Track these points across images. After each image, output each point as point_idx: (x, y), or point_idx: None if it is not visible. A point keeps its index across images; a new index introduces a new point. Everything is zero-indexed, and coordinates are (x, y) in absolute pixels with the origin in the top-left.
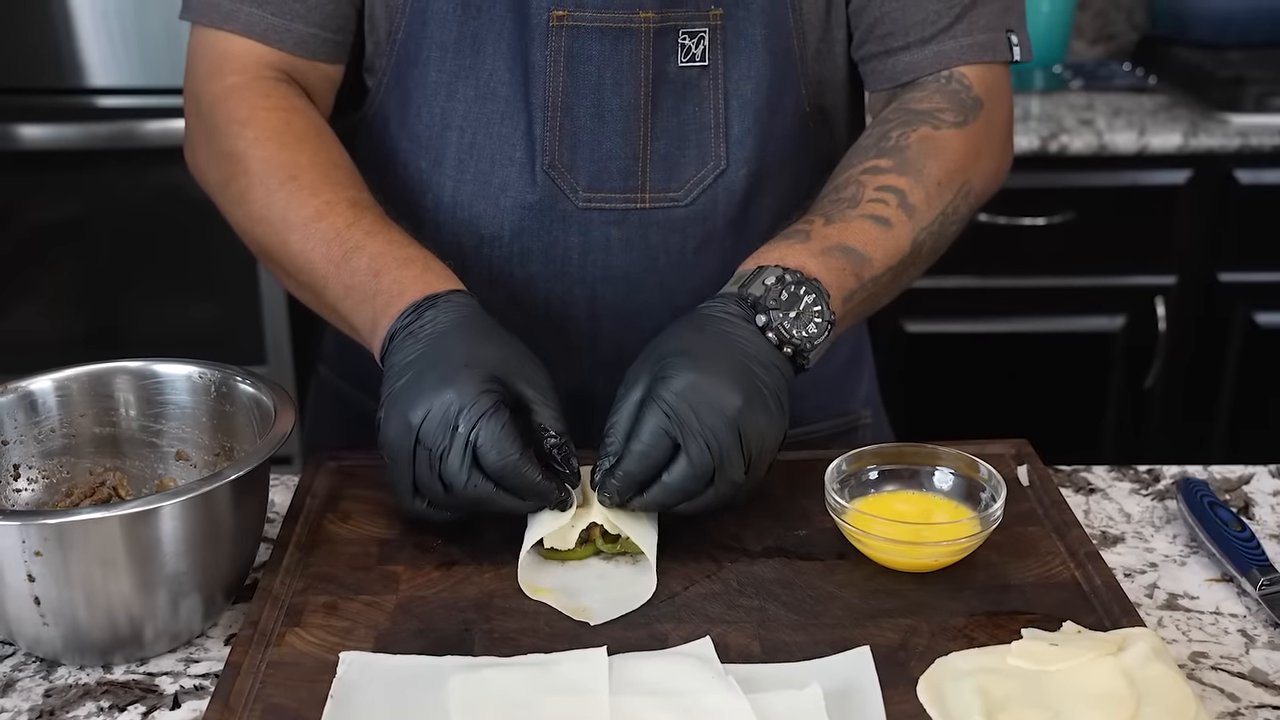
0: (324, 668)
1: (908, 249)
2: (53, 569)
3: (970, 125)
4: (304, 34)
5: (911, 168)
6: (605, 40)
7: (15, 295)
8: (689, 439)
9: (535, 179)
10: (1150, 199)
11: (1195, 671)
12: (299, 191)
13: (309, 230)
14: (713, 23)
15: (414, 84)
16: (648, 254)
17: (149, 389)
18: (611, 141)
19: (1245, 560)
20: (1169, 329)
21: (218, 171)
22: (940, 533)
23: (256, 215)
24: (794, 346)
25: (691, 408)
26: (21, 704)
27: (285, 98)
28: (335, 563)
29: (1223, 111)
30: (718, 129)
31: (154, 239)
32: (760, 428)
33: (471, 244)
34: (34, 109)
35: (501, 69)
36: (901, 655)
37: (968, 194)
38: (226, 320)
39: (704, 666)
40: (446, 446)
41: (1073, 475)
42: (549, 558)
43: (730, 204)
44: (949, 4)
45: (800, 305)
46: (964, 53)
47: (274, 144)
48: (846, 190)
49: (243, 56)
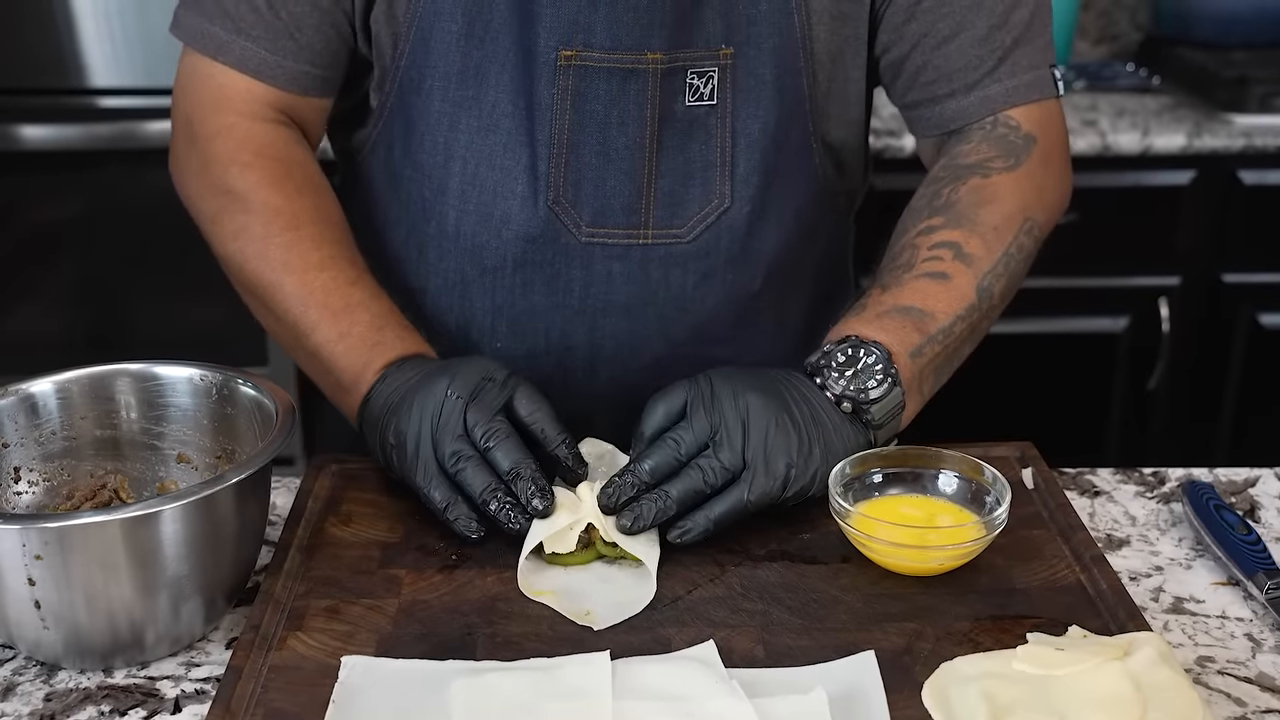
0: (326, 672)
1: (973, 296)
2: (53, 573)
3: (1023, 165)
4: (296, 71)
5: (965, 220)
6: (613, 80)
7: (16, 296)
8: (697, 402)
9: (538, 212)
10: (1154, 200)
11: (1201, 676)
12: (301, 241)
13: (309, 278)
14: (722, 62)
15: (417, 112)
16: (648, 288)
17: (150, 391)
18: (616, 179)
19: (1252, 564)
20: (1173, 330)
21: (211, 203)
22: (945, 536)
23: (252, 253)
24: (853, 402)
25: (712, 384)
26: (22, 708)
27: (286, 146)
28: (337, 566)
29: (1227, 112)
30: (723, 167)
31: (156, 240)
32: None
33: (474, 273)
34: (35, 109)
35: (504, 101)
36: (906, 660)
37: (1031, 229)
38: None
39: (707, 671)
40: (479, 392)
41: (1077, 478)
42: (551, 562)
43: (733, 240)
44: (991, 49)
45: (858, 364)
46: (1010, 95)
47: (278, 193)
48: (902, 257)
49: (242, 95)
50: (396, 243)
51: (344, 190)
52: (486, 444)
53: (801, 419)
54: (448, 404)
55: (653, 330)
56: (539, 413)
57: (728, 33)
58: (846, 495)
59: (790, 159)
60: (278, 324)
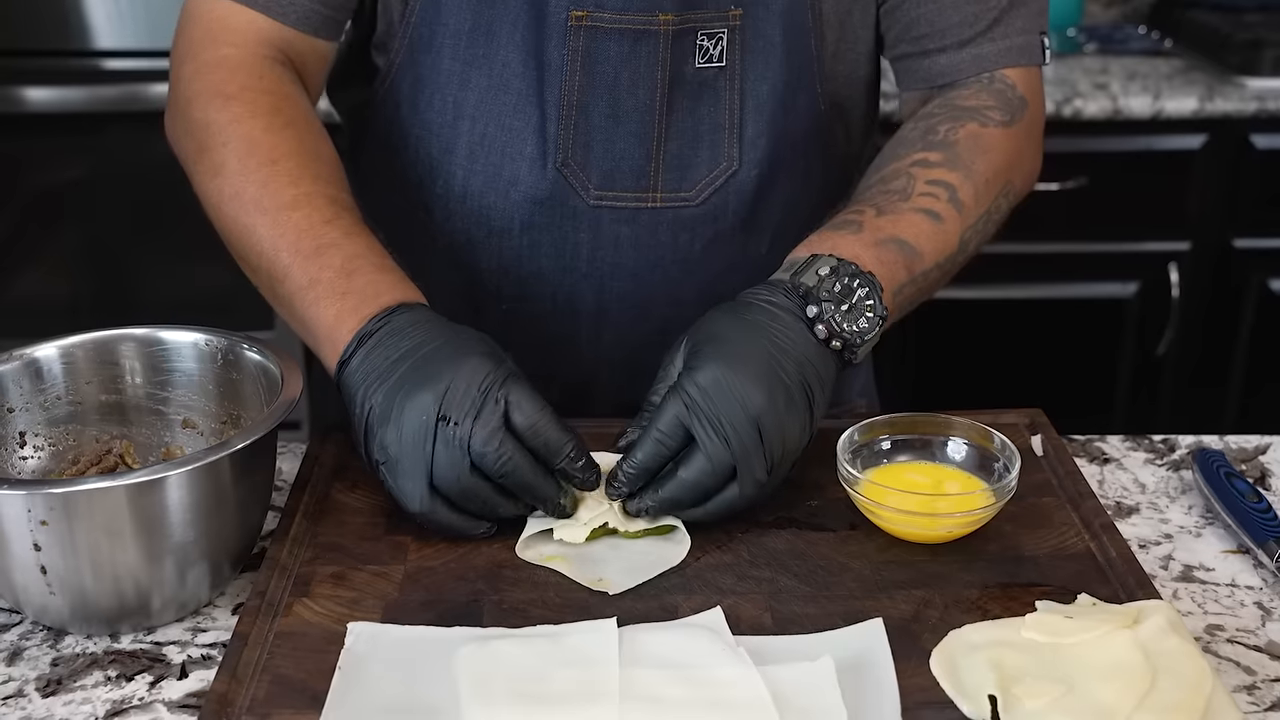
0: (332, 638)
1: (955, 245)
2: (59, 538)
3: (1016, 125)
4: (307, 8)
5: (961, 163)
6: (624, 41)
7: (21, 259)
8: (705, 431)
9: (546, 175)
10: (1165, 164)
11: (1211, 644)
12: (277, 177)
13: (281, 218)
14: (732, 23)
15: (427, 70)
16: (656, 251)
17: (155, 356)
18: (625, 142)
19: (1262, 532)
20: (1183, 295)
21: (192, 141)
22: (954, 504)
23: (229, 193)
24: (844, 340)
25: (711, 400)
26: (29, 673)
27: (279, 82)
28: (343, 532)
29: (1239, 75)
30: (732, 130)
31: (160, 203)
32: (783, 425)
33: (481, 234)
34: (39, 71)
35: (515, 61)
36: (914, 628)
37: (1009, 193)
38: (233, 285)
39: (715, 638)
40: (478, 409)
41: (1087, 445)
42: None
43: (741, 203)
44: (986, 7)
45: (853, 298)
46: (1001, 56)
47: (259, 125)
48: (896, 182)
49: (242, 30)
50: (402, 203)
51: (349, 151)
52: (501, 475)
53: (800, 402)
54: (443, 435)
55: (660, 293)
56: (540, 423)
57: None
58: (855, 462)
59: (798, 121)
60: (254, 273)
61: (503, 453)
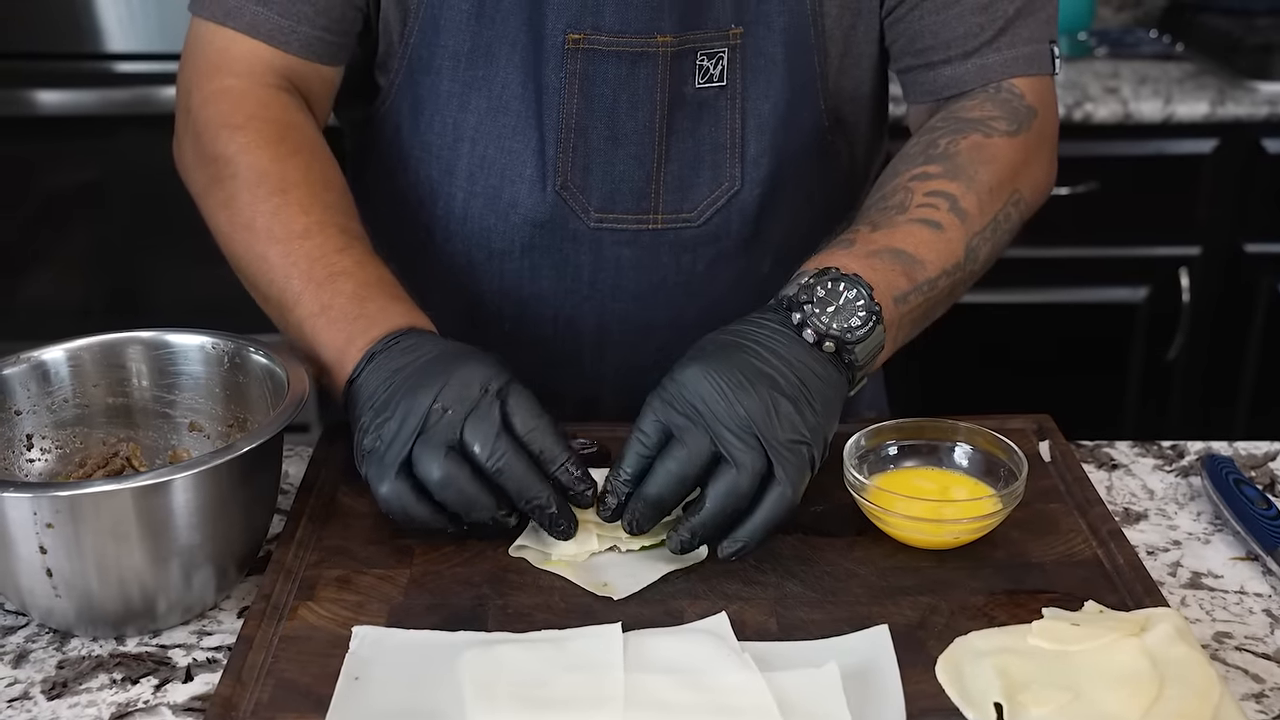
0: (336, 642)
1: (962, 254)
2: (65, 541)
3: (1023, 134)
4: (309, 36)
5: (962, 174)
6: (621, 64)
7: (33, 261)
8: (681, 423)
9: (546, 197)
10: (1176, 168)
11: (1219, 652)
12: (287, 206)
13: (293, 246)
14: (732, 42)
15: (426, 91)
16: (658, 272)
17: (161, 359)
18: (625, 164)
19: (1271, 539)
20: (1193, 300)
21: (202, 174)
22: (960, 510)
23: (240, 222)
24: (836, 340)
25: (686, 389)
26: (35, 675)
27: (285, 109)
28: (348, 536)
29: (1251, 79)
30: (733, 150)
31: (171, 205)
32: (774, 408)
33: (482, 256)
34: (51, 74)
35: (514, 83)
36: (920, 634)
37: (1018, 202)
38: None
39: (720, 644)
40: (474, 403)
41: (1095, 451)
42: (555, 565)
43: (743, 223)
44: (991, 17)
45: (840, 300)
46: (1007, 66)
47: (267, 154)
48: (894, 197)
49: (245, 58)
50: (404, 223)
51: (353, 167)
52: (495, 471)
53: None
54: (432, 418)
55: (661, 314)
56: (538, 430)
57: (738, 11)
58: (861, 468)
59: (801, 139)
60: (264, 301)
61: (498, 449)
